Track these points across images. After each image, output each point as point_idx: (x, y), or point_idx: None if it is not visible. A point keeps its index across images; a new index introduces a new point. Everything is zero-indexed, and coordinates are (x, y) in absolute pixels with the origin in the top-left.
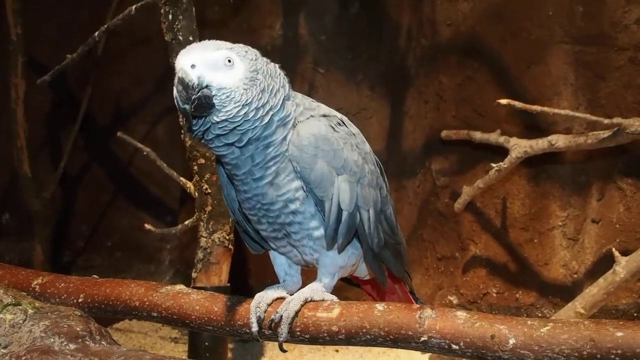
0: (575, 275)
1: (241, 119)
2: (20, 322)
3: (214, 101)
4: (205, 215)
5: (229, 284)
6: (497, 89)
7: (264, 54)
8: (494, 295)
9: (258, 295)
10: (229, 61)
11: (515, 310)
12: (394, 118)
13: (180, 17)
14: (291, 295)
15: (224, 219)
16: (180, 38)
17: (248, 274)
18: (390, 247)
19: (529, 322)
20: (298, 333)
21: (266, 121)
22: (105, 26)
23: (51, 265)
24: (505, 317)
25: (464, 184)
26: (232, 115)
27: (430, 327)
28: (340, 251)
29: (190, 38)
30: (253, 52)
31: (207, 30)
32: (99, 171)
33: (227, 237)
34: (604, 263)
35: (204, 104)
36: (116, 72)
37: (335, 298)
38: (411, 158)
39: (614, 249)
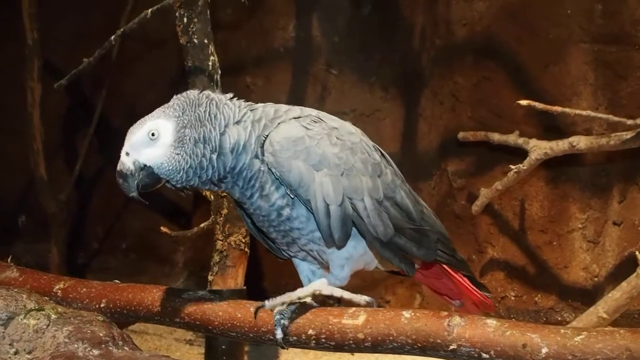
0: (596, 279)
1: (192, 176)
2: (44, 327)
3: (160, 176)
4: (221, 218)
5: (245, 287)
6: (514, 90)
7: (277, 56)
8: (512, 298)
9: None
10: (153, 134)
11: (534, 314)
12: (408, 119)
13: (195, 20)
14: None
15: (240, 222)
16: (196, 41)
17: (262, 277)
18: (408, 232)
19: (562, 331)
20: (323, 340)
21: (215, 164)
22: (122, 30)
23: (67, 267)
24: (537, 326)
25: (480, 186)
26: (183, 180)
27: (459, 335)
28: (339, 247)
29: (205, 41)
30: (181, 105)
31: (221, 32)
32: (114, 174)
33: (243, 240)
34: (626, 266)
35: (150, 182)
36: (130, 75)
37: (345, 293)
38: (426, 160)
39: (637, 252)
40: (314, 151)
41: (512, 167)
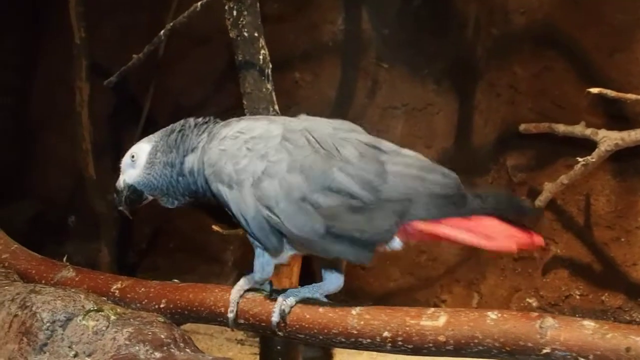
0: None
1: (167, 192)
2: (104, 329)
3: (142, 192)
4: None
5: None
6: (578, 79)
7: (326, 50)
8: (577, 297)
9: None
10: (133, 157)
11: (600, 313)
12: (463, 113)
13: (245, 13)
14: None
15: None
16: (246, 34)
17: (314, 276)
18: (348, 218)
19: None
20: (400, 343)
21: (182, 185)
22: (171, 24)
23: (117, 267)
24: None
25: (542, 180)
26: (156, 194)
27: (553, 338)
28: (278, 253)
29: (255, 34)
30: (162, 132)
31: (268, 27)
32: None
33: None
34: None
35: (134, 198)
36: (177, 73)
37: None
38: (482, 154)
39: None
40: (222, 171)
41: (580, 159)
